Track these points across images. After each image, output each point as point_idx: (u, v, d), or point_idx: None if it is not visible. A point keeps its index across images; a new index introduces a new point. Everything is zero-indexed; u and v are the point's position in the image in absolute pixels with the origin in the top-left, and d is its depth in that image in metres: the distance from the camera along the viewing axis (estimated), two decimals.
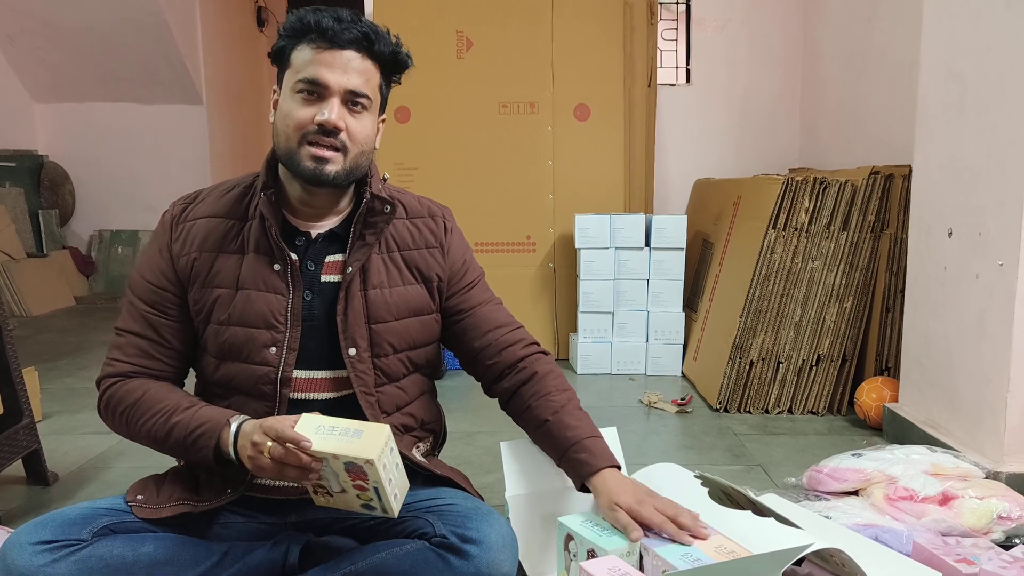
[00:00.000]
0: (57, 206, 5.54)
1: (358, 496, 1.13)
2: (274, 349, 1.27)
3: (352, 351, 1.29)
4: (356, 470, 1.08)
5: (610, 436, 1.55)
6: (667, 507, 1.23)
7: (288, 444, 1.09)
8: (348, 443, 1.08)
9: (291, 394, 1.28)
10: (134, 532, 1.23)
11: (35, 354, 3.65)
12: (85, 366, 3.45)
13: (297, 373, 1.29)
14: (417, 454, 1.38)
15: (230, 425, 1.19)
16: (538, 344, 1.45)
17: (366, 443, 1.07)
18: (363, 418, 1.29)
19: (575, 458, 1.31)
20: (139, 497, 1.27)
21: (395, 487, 1.11)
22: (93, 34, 5.14)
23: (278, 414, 1.26)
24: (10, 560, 1.14)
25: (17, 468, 2.03)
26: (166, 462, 1.48)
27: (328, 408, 1.31)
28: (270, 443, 1.11)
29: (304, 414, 1.13)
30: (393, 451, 1.11)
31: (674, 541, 1.18)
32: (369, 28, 1.23)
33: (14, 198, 5.21)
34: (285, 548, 1.26)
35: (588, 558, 1.19)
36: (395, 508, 1.12)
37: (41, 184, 5.48)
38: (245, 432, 1.17)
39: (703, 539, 1.19)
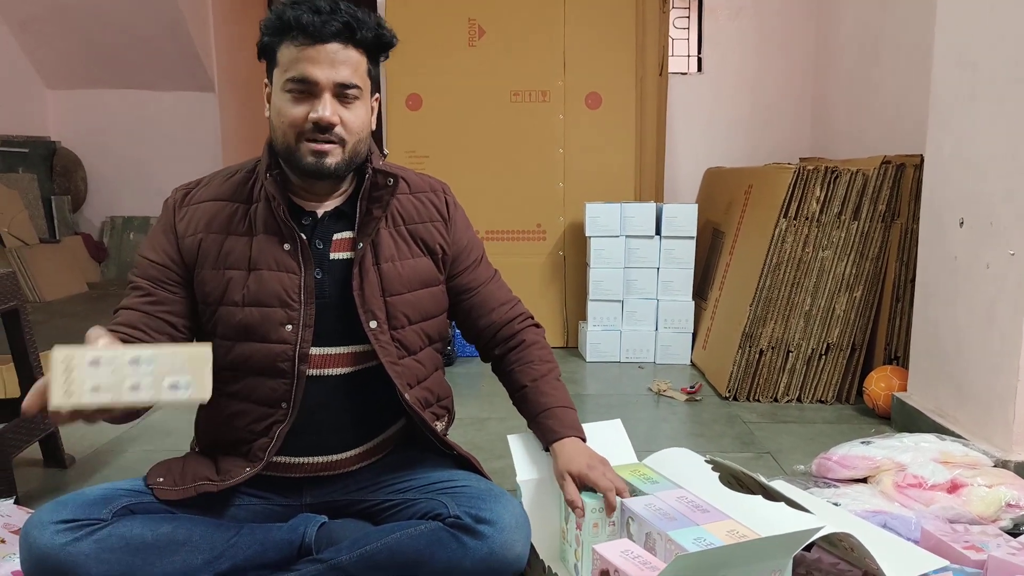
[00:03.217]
0: (69, 192, 5.57)
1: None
2: (290, 327, 1.28)
3: (373, 323, 1.31)
4: None
5: (615, 428, 1.57)
6: (616, 479, 1.31)
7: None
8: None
9: (308, 370, 1.30)
10: (153, 513, 1.25)
11: (49, 339, 3.65)
12: None
13: (312, 350, 1.30)
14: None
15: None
16: (532, 318, 1.54)
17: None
18: (390, 391, 1.33)
19: (543, 423, 1.40)
20: (160, 480, 1.29)
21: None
22: (106, 21, 5.15)
23: (296, 391, 1.29)
24: (32, 539, 1.16)
25: (34, 451, 2.06)
26: (181, 446, 1.50)
27: (345, 382, 1.34)
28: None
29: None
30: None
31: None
32: (350, 16, 1.22)
33: (27, 184, 5.24)
34: (302, 529, 1.28)
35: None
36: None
37: (54, 170, 5.51)
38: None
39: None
